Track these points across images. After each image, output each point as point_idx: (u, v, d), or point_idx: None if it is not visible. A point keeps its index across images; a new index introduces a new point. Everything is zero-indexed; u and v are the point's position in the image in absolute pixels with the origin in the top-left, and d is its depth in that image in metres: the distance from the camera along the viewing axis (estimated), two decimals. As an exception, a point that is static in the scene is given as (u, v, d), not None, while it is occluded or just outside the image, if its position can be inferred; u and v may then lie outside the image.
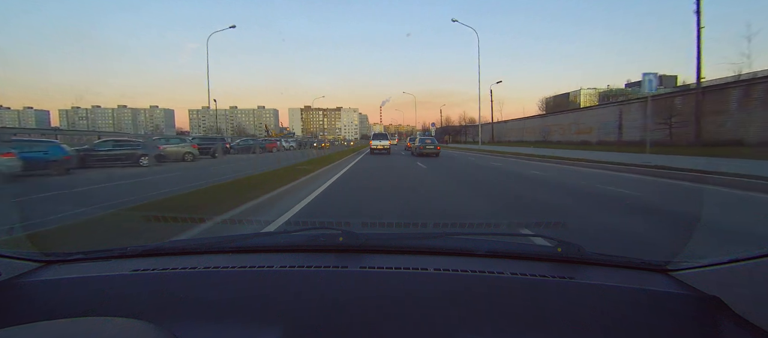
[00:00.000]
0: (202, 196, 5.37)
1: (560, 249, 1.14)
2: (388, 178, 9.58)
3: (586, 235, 3.61)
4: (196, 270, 1.10)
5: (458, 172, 10.90)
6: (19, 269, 1.08)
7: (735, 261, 0.86)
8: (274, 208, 5.13)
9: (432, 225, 3.96)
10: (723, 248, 3.18)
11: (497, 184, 8.20)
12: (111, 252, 1.22)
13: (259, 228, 4.01)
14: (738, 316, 0.80)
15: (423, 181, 8.71)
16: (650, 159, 10.93)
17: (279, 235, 2.02)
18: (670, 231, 3.91)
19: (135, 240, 2.89)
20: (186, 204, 4.81)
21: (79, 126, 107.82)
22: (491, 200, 6.11)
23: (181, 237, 3.13)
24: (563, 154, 17.35)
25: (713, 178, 7.39)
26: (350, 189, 7.52)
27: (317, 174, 9.35)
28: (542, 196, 6.47)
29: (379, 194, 6.86)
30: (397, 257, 1.16)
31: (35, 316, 0.76)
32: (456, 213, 4.96)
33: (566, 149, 23.73)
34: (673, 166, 9.31)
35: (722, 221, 4.47)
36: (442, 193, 6.89)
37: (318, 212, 5.02)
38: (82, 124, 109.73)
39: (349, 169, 11.66)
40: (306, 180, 7.99)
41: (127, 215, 4.12)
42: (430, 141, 21.51)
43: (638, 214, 4.87)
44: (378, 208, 5.29)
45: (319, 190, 6.87)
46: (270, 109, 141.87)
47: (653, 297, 0.93)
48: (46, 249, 1.49)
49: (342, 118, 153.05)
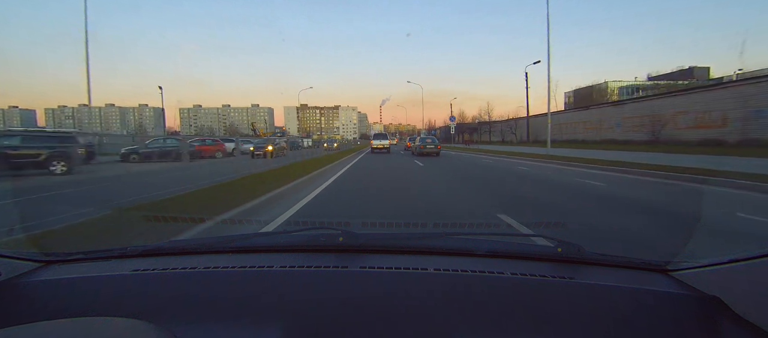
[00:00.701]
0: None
1: (560, 250, 1.13)
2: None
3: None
4: (196, 270, 1.10)
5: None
6: (20, 269, 1.08)
7: (735, 261, 0.86)
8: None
9: (432, 225, 3.93)
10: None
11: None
12: (111, 252, 1.22)
13: (259, 228, 3.96)
14: (738, 316, 0.80)
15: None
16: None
17: (279, 235, 2.00)
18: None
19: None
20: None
21: (65, 125, 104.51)
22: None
23: (181, 237, 3.13)
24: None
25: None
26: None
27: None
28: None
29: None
30: (397, 257, 1.16)
31: (35, 316, 0.76)
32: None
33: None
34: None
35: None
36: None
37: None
38: (68, 124, 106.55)
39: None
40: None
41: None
42: (430, 140, 20.23)
43: None
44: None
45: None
46: (264, 107, 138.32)
47: (653, 297, 0.93)
48: (46, 249, 1.54)
49: (340, 117, 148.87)
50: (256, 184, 6.60)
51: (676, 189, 7.05)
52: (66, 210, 4.27)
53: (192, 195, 5.46)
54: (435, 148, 19.22)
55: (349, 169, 12.07)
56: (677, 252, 2.90)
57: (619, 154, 15.92)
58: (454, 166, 12.97)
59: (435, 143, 19.81)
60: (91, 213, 3.96)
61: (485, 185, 8.05)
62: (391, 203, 5.66)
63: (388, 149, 24.55)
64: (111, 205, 4.42)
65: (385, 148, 24.37)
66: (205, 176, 7.53)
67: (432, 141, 20.17)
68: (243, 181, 7.32)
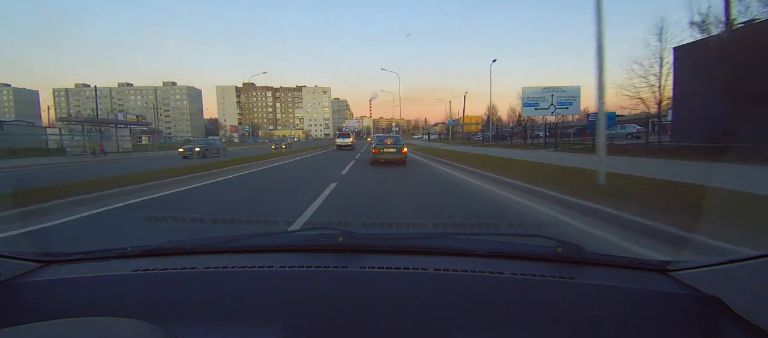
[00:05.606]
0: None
1: (560, 250, 1.13)
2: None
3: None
4: (196, 270, 1.10)
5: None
6: (19, 269, 1.08)
7: (735, 261, 0.87)
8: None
9: (432, 225, 3.89)
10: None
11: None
12: (111, 252, 1.22)
13: (259, 228, 3.92)
14: (738, 316, 0.80)
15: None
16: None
17: (279, 235, 2.00)
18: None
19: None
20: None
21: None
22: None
23: (181, 237, 3.16)
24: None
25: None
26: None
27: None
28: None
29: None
30: (397, 257, 1.16)
31: (35, 316, 0.76)
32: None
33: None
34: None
35: None
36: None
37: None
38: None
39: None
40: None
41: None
42: (392, 141, 13.01)
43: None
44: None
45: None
46: (182, 87, 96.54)
47: (653, 297, 0.93)
48: (46, 248, 1.51)
49: (305, 103, 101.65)
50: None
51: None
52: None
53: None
54: (398, 153, 12.29)
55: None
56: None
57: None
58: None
59: (398, 145, 12.63)
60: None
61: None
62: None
63: (352, 146, 28.04)
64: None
65: (349, 146, 27.73)
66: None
67: (394, 141, 12.88)
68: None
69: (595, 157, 6.76)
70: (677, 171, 7.48)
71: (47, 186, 6.51)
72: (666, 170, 8.01)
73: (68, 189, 5.87)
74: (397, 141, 13.20)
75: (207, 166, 11.52)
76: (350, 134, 32.64)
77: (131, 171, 9.91)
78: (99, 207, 5.07)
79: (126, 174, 8.72)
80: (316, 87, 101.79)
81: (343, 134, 31.31)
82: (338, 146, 28.19)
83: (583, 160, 10.87)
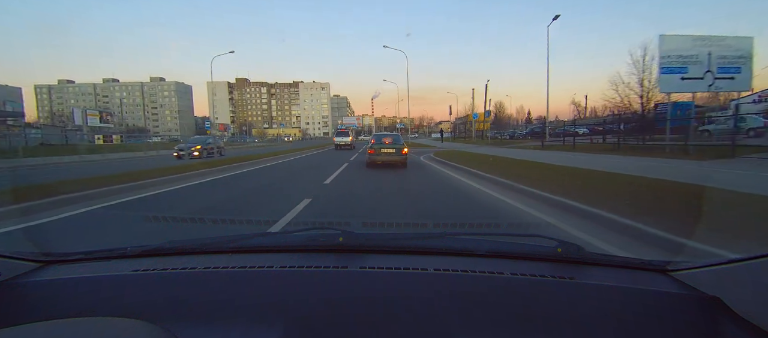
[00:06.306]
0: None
1: (560, 249, 1.13)
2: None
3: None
4: (196, 271, 1.10)
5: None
6: (19, 269, 1.08)
7: (735, 262, 0.86)
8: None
9: (432, 226, 3.90)
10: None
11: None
12: (111, 252, 1.22)
13: (259, 228, 3.93)
14: (738, 316, 0.80)
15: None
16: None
17: (279, 235, 2.00)
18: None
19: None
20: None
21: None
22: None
23: (181, 237, 3.14)
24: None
25: None
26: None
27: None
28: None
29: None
30: (397, 257, 1.16)
31: (35, 317, 0.77)
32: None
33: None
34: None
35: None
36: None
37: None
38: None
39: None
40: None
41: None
42: (391, 140, 11.77)
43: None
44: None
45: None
46: (171, 83, 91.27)
47: (653, 297, 0.93)
48: (45, 248, 1.52)
49: (302, 99, 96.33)
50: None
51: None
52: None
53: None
54: (398, 154, 11.20)
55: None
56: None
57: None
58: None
59: (398, 145, 11.46)
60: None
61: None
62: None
63: (351, 145, 26.77)
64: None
65: (348, 145, 26.48)
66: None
67: (393, 141, 11.73)
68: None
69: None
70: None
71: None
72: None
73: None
74: (396, 140, 11.93)
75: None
76: (349, 132, 30.51)
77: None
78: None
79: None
80: (313, 82, 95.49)
81: (341, 133, 29.20)
82: (336, 145, 26.69)
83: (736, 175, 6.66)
